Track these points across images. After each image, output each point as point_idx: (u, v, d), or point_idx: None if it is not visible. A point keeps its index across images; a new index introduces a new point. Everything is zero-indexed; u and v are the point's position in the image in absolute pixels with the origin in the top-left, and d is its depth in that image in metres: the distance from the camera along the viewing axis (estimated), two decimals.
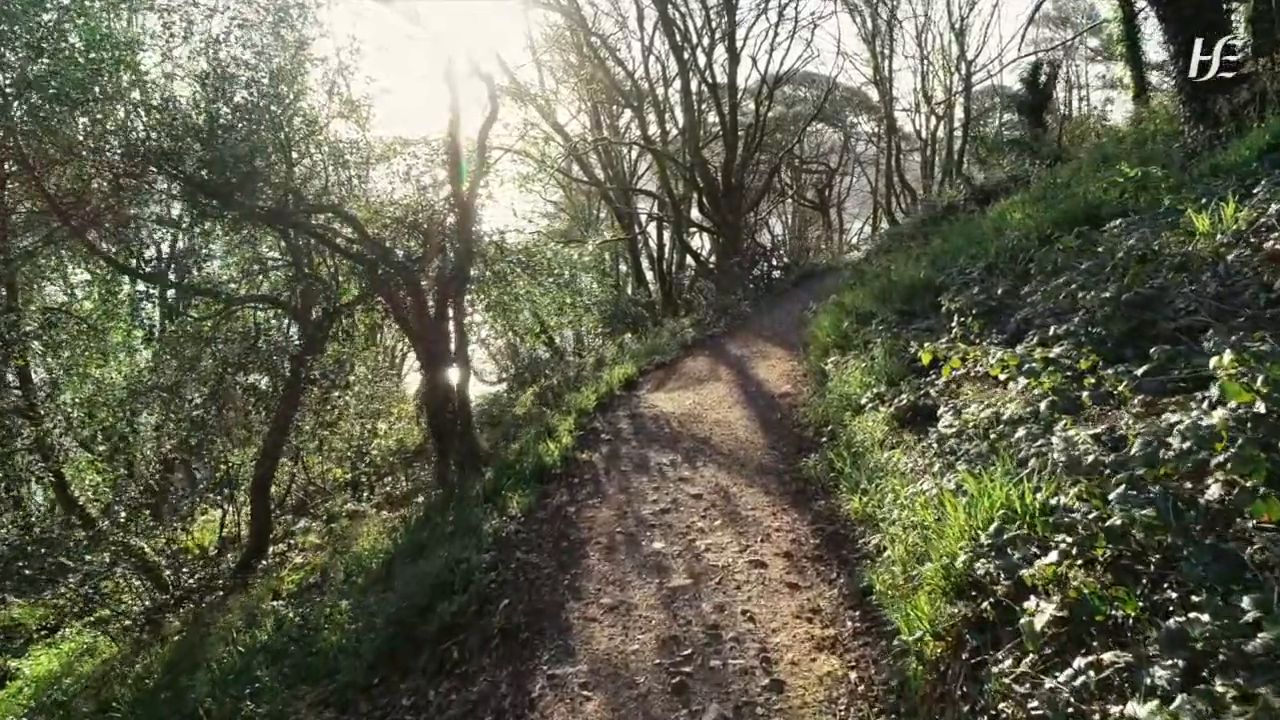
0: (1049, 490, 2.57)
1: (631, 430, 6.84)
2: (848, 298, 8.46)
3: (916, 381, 5.34)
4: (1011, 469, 2.88)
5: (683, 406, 7.54)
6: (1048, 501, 2.49)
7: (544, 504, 5.32)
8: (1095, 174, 8.01)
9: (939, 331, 6.03)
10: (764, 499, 5.11)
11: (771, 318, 13.09)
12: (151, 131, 9.25)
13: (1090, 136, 10.87)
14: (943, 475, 3.44)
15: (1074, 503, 2.40)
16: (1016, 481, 2.70)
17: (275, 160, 10.35)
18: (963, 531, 2.72)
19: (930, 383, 5.03)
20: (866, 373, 5.90)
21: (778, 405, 7.25)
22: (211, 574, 10.27)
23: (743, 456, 5.97)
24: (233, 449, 9.62)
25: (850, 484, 4.66)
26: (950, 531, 2.76)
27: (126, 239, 9.84)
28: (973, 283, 6.92)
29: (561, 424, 7.04)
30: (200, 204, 9.93)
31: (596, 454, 6.28)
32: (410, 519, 7.06)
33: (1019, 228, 7.49)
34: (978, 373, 4.58)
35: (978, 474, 2.96)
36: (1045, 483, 2.60)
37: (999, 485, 2.72)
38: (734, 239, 19.88)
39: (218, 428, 8.93)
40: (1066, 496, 2.46)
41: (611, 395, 8.38)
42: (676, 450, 6.22)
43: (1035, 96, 12.68)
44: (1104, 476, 2.45)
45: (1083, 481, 2.41)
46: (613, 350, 11.95)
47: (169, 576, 10.22)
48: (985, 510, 2.69)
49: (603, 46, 21.29)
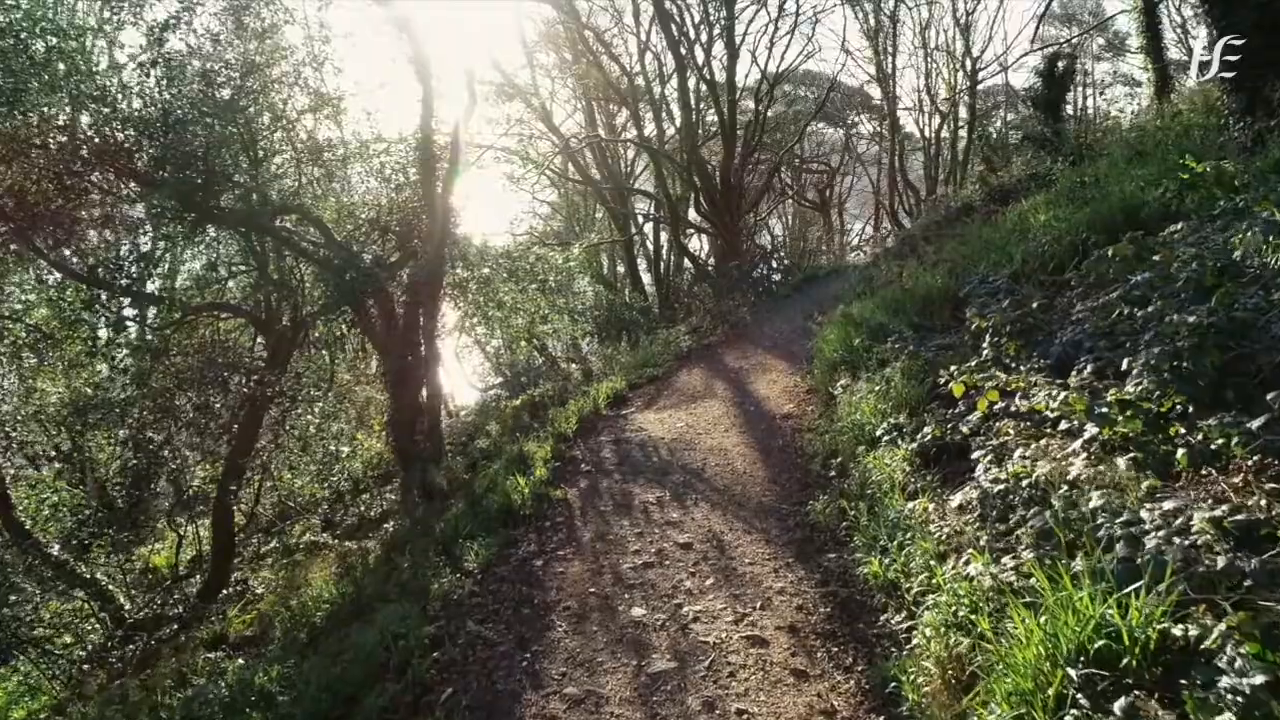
0: (1163, 609, 1.82)
1: (615, 459, 6.08)
2: (856, 308, 7.72)
3: (942, 412, 4.60)
4: (1096, 564, 2.13)
5: (674, 430, 6.80)
6: (1169, 633, 1.75)
7: (508, 555, 4.57)
8: (1127, 172, 7.26)
9: (963, 351, 5.29)
10: (764, 550, 4.37)
11: (772, 325, 12.34)
12: (104, 127, 8.55)
13: (1110, 133, 10.10)
14: (991, 554, 2.69)
15: (1214, 641, 1.65)
16: (1111, 592, 1.95)
17: (239, 158, 9.64)
18: (1038, 658, 1.97)
19: (960, 415, 4.29)
20: (881, 398, 5.16)
21: (779, 429, 6.50)
22: (167, 603, 9.55)
23: (740, 493, 5.23)
24: (191, 470, 8.87)
25: (866, 538, 3.92)
26: (1020, 656, 2.01)
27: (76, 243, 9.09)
28: (998, 293, 6.19)
29: (537, 451, 6.29)
30: (155, 205, 9.21)
31: (574, 489, 5.52)
32: (369, 556, 6.31)
33: (1046, 231, 6.75)
34: (1019, 406, 3.84)
35: (1049, 565, 2.21)
36: (1157, 601, 1.85)
37: (1087, 597, 1.97)
38: (733, 241, 19.15)
39: (172, 448, 8.18)
40: (1197, 627, 1.72)
41: (597, 414, 7.62)
42: (664, 485, 5.47)
43: (1052, 90, 11.93)
44: (1251, 597, 1.71)
45: (1238, 614, 1.66)
46: (604, 360, 11.19)
47: (125, 608, 9.50)
48: (1070, 631, 1.94)
49: (597, 41, 20.56)
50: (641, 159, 24.33)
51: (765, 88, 20.82)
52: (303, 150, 10.30)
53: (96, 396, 8.36)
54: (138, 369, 7.97)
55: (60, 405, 8.58)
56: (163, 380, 8.25)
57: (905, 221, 28.62)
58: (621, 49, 22.42)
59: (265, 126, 9.73)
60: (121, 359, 8.15)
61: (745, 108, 22.07)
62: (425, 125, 8.17)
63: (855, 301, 8.19)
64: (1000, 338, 4.49)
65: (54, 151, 8.24)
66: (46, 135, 8.29)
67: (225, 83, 9.39)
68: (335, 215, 9.68)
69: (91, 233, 9.16)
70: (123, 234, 9.56)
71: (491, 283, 10.37)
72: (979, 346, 5.29)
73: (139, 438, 7.61)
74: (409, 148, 8.98)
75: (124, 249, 9.58)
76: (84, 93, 8.03)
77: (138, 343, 8.37)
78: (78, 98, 8.03)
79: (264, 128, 9.72)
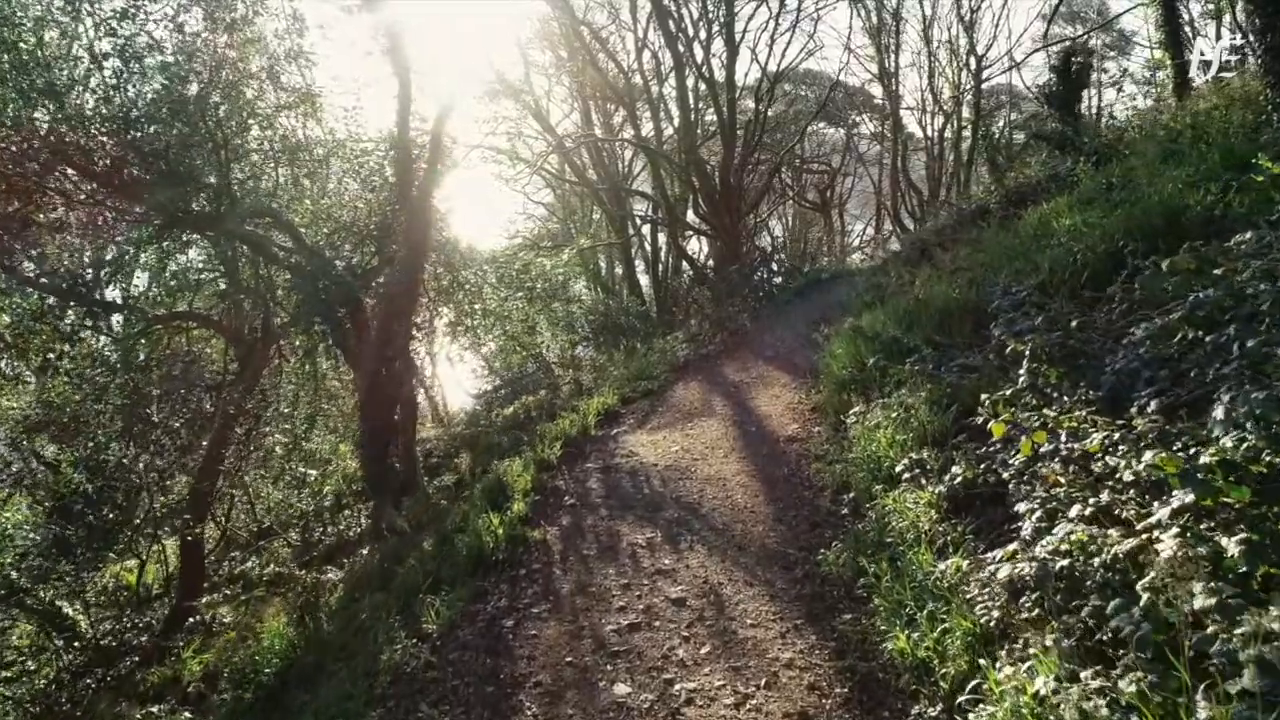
0: None
1: (602, 491, 5.50)
2: (866, 320, 7.15)
3: (971, 447, 4.02)
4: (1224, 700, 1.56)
5: (668, 454, 6.22)
6: None
7: (475, 613, 4.00)
8: (1160, 172, 6.69)
9: (989, 373, 4.72)
10: (769, 608, 3.79)
11: (773, 333, 11.76)
12: (61, 125, 7.98)
13: (1132, 131, 9.53)
14: (1060, 655, 2.12)
15: None
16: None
17: (208, 158, 9.07)
18: None
19: (995, 454, 3.71)
20: (900, 427, 4.59)
21: (784, 455, 5.93)
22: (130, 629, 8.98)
23: (741, 534, 4.65)
24: (155, 491, 8.28)
25: (889, 603, 3.35)
26: None
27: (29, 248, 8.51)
28: (1022, 305, 5.62)
29: (517, 479, 5.70)
30: (115, 207, 8.64)
31: (554, 528, 4.95)
32: (333, 595, 5.74)
33: (1075, 237, 6.20)
34: (1068, 448, 3.26)
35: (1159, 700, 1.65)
36: None
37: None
38: (732, 243, 18.56)
39: (131, 468, 7.59)
40: None
41: (585, 435, 7.04)
42: (656, 523, 4.89)
43: (1067, 87, 11.36)
44: None
45: None
46: (597, 371, 10.61)
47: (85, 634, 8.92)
48: None
49: (593, 38, 20.00)
50: (640, 159, 23.75)
51: (765, 86, 20.25)
52: (278, 150, 9.74)
53: (49, 413, 7.77)
54: (94, 383, 7.39)
55: (12, 422, 8.00)
56: (121, 396, 7.66)
57: (908, 223, 28.07)
58: (619, 46, 21.88)
59: (238, 124, 9.15)
60: (76, 372, 7.57)
61: (745, 107, 21.51)
62: (402, 122, 7.59)
63: (865, 312, 7.61)
64: (1038, 363, 3.91)
65: (3, 150, 7.66)
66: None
67: (192, 77, 8.83)
68: (309, 219, 9.11)
69: (47, 237, 8.58)
70: (84, 238, 8.99)
71: (478, 289, 9.80)
72: (1007, 368, 4.74)
73: (92, 460, 7.03)
74: (388, 147, 8.39)
75: (86, 255, 9.02)
76: (34, 87, 7.45)
77: (95, 354, 7.79)
78: (26, 92, 7.45)
79: (236, 126, 9.14)
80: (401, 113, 7.59)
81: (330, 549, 10.03)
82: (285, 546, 10.70)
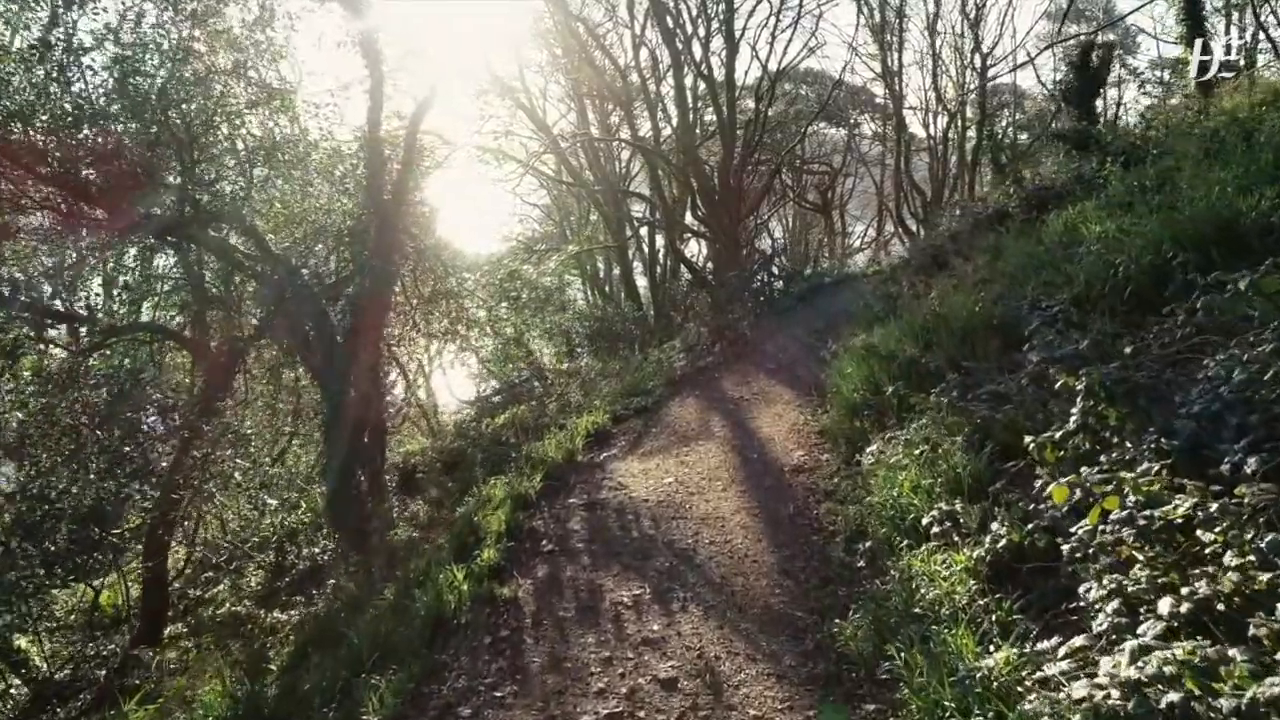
0: None
1: (585, 534, 4.89)
2: (877, 335, 6.55)
3: (1013, 498, 3.41)
4: None
5: (661, 487, 5.61)
6: None
7: (426, 699, 3.39)
8: (1204, 175, 6.09)
9: (1026, 406, 4.11)
10: (775, 693, 3.19)
11: (774, 343, 11.16)
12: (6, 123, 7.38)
13: (1158, 128, 8.93)
14: None
15: None
16: None
17: (170, 159, 8.48)
18: None
19: (1047, 512, 3.10)
20: (925, 468, 3.98)
21: (789, 489, 5.32)
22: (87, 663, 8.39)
23: (742, 590, 4.05)
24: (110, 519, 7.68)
25: (924, 704, 2.73)
26: None
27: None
28: (1055, 322, 5.03)
29: (489, 520, 5.09)
30: (70, 211, 8.05)
31: (528, 581, 4.33)
32: (284, 649, 5.14)
33: (1109, 246, 5.61)
34: (1143, 513, 2.66)
35: None
36: None
37: None
38: (732, 245, 17.97)
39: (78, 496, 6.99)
40: None
41: (570, 462, 6.43)
42: (644, 575, 4.28)
43: (1085, 83, 10.77)
44: None
45: None
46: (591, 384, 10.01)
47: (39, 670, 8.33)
48: None
49: (588, 35, 19.39)
50: (638, 160, 23.13)
51: (766, 85, 19.66)
52: (249, 150, 9.14)
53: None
54: (34, 402, 6.80)
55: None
56: (68, 415, 7.06)
57: (912, 225, 27.48)
58: (615, 43, 21.28)
59: (203, 123, 8.54)
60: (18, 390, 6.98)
61: (745, 107, 20.92)
62: (373, 119, 6.99)
63: (876, 325, 7.01)
64: (1094, 400, 3.30)
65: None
66: None
67: (152, 71, 8.24)
68: (279, 223, 8.50)
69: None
70: (36, 244, 8.39)
71: (459, 298, 9.20)
72: (1045, 398, 4.14)
73: (30, 489, 6.43)
74: (359, 146, 7.79)
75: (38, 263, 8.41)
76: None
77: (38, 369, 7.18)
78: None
79: (202, 124, 8.54)
80: (373, 109, 7.00)
81: (304, 575, 9.44)
82: (258, 569, 10.11)
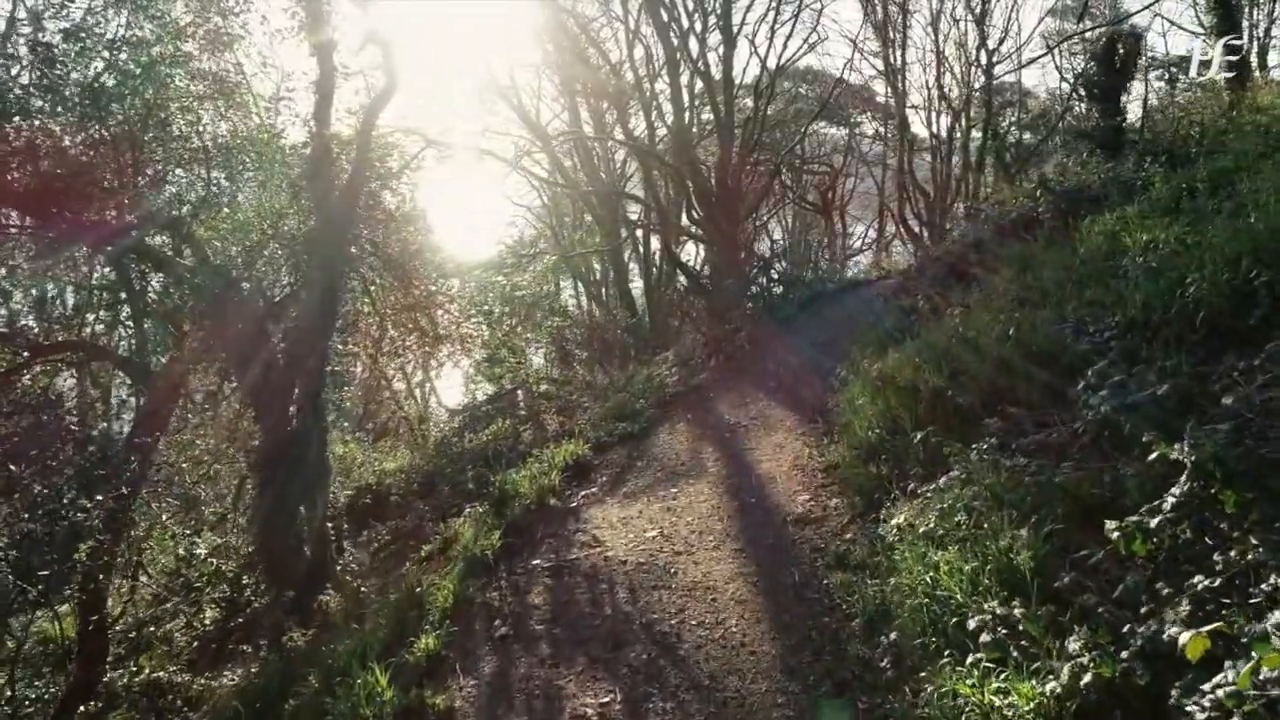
0: None
1: (548, 611, 4.06)
2: (892, 360, 5.72)
3: (1089, 602, 2.59)
4: None
5: (642, 543, 4.78)
6: None
7: None
8: (1270, 176, 5.29)
9: (1089, 466, 3.30)
10: None
11: (775, 357, 10.34)
12: None
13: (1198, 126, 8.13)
14: None
15: None
16: None
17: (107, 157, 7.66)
18: None
19: (1148, 636, 2.29)
20: (968, 551, 3.15)
21: (793, 548, 4.51)
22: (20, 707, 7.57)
23: (735, 696, 3.23)
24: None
25: None
26: None
27: None
28: (1110, 352, 4.23)
29: (437, 594, 4.24)
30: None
31: (470, 682, 3.50)
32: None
33: (1165, 259, 4.81)
34: None
35: None
36: None
37: None
38: (730, 249, 17.15)
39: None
40: None
41: (540, 505, 5.59)
42: (615, 673, 3.46)
43: (1110, 77, 9.97)
44: None
45: None
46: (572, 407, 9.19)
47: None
48: None
49: (580, 30, 18.58)
50: (633, 161, 22.31)
51: (765, 81, 18.84)
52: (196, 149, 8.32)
53: None
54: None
55: None
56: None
57: (915, 226, 26.71)
58: (609, 39, 20.48)
59: (143, 119, 7.73)
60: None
61: (743, 105, 20.11)
62: (320, 114, 6.19)
63: (889, 348, 6.19)
64: (1205, 478, 2.48)
65: None
66: None
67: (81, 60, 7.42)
68: (227, 231, 7.67)
69: None
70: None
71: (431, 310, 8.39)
72: (1109, 453, 3.34)
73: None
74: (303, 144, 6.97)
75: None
76: None
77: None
78: None
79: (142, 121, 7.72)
80: (320, 103, 6.19)
81: (259, 613, 8.61)
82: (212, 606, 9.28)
